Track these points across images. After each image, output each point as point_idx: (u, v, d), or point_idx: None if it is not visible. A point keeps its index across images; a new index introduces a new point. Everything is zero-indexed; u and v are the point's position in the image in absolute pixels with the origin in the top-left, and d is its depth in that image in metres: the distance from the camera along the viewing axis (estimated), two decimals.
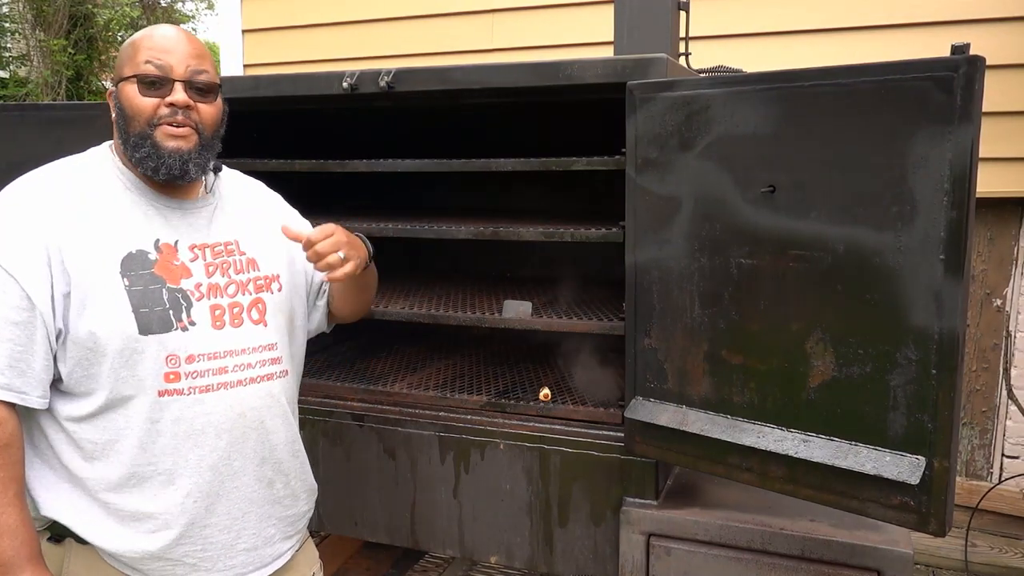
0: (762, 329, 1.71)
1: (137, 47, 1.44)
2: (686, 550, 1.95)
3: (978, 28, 3.12)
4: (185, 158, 1.44)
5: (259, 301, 1.55)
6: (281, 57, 4.35)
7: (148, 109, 1.42)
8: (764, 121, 1.65)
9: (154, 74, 1.42)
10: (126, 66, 1.44)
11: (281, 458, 1.58)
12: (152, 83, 1.42)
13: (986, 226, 3.30)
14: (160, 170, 1.42)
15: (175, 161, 1.43)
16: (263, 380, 1.53)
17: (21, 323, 1.33)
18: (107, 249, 1.40)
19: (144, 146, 1.42)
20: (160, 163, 1.42)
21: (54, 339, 1.36)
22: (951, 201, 1.43)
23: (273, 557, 1.58)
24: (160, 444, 1.41)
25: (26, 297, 1.33)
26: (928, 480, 1.49)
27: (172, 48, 1.44)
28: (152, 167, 1.42)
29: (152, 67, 1.42)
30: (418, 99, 2.22)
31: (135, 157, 1.43)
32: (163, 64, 1.42)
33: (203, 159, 1.48)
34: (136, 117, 1.42)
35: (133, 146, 1.43)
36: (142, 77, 1.41)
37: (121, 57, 1.47)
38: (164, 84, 1.42)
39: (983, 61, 1.39)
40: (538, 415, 2.18)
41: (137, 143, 1.42)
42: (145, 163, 1.43)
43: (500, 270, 3.17)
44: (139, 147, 1.42)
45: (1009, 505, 3.32)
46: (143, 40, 1.45)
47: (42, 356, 1.35)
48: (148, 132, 1.42)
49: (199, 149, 1.46)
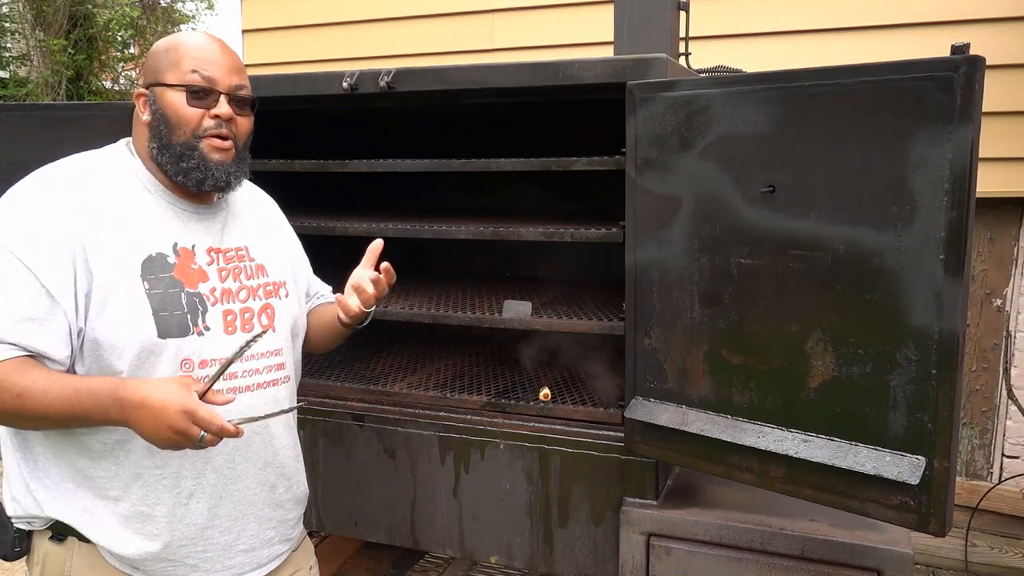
0: (762, 329, 1.71)
1: (181, 55, 1.43)
2: (686, 550, 1.95)
3: (978, 28, 3.12)
4: (229, 171, 1.46)
5: (268, 307, 1.56)
6: (281, 57, 4.35)
7: (195, 119, 1.42)
8: (764, 121, 1.65)
9: (202, 85, 1.42)
10: (167, 72, 1.43)
11: (284, 462, 1.59)
12: (199, 93, 1.42)
13: (986, 226, 3.30)
14: (206, 182, 1.44)
15: (221, 174, 1.45)
16: (269, 386, 1.54)
17: (38, 319, 1.30)
18: (128, 250, 1.39)
19: (192, 157, 1.43)
20: (207, 174, 1.44)
21: (75, 336, 1.34)
22: (951, 201, 1.43)
23: (270, 558, 1.58)
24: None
25: (45, 292, 1.30)
26: (928, 480, 1.49)
27: (217, 60, 1.44)
28: (199, 179, 1.44)
29: (199, 77, 1.42)
30: (418, 99, 2.22)
31: (180, 167, 1.43)
32: (209, 76, 1.43)
33: (241, 171, 1.50)
34: (182, 126, 1.42)
35: (178, 156, 1.43)
36: (191, 87, 1.42)
37: (159, 60, 1.45)
38: (210, 95, 1.43)
39: (983, 61, 1.39)
40: (538, 415, 2.18)
41: (183, 153, 1.43)
42: (191, 174, 1.43)
43: (500, 270, 3.17)
44: (186, 157, 1.43)
45: (1009, 505, 3.32)
46: (186, 48, 1.44)
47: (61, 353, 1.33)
48: (194, 143, 1.43)
49: (237, 161, 1.49)
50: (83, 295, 1.34)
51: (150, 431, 1.26)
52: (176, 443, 1.27)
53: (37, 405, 1.27)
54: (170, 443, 1.27)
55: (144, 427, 1.26)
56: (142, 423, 1.26)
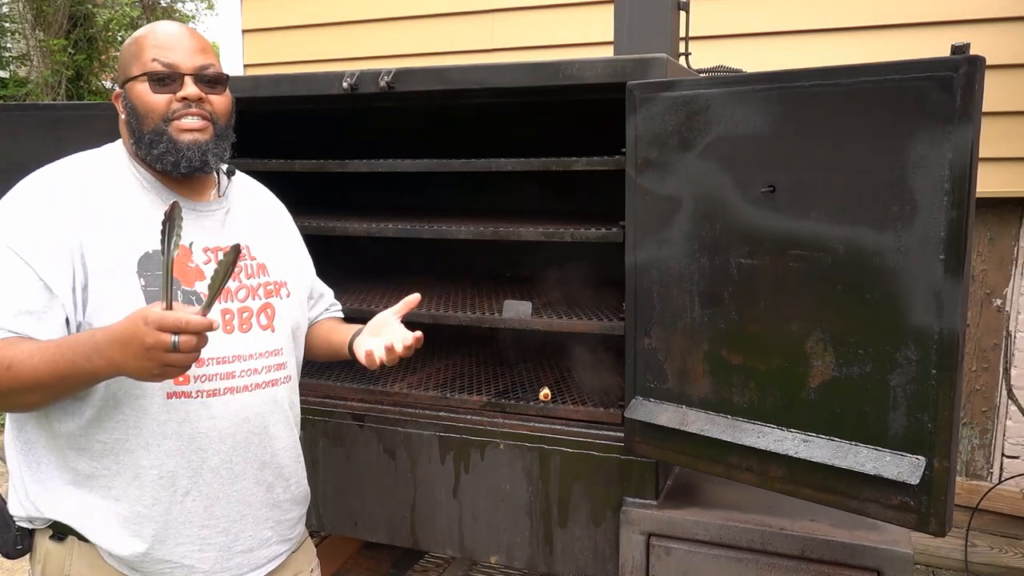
0: (762, 329, 1.71)
1: (142, 45, 1.44)
2: (686, 550, 1.95)
3: (978, 28, 3.12)
4: (203, 148, 1.45)
5: (268, 306, 1.56)
6: (281, 57, 4.35)
7: (161, 105, 1.42)
8: (764, 121, 1.65)
9: (163, 71, 1.42)
10: (132, 65, 1.44)
11: (283, 463, 1.58)
12: (162, 80, 1.42)
13: (986, 226, 3.30)
14: (180, 164, 1.43)
15: (194, 153, 1.43)
16: (268, 386, 1.53)
17: (36, 312, 1.31)
18: (125, 247, 1.39)
19: (161, 142, 1.42)
20: (180, 156, 1.43)
21: (73, 330, 1.35)
22: (951, 201, 1.43)
23: (268, 559, 1.58)
24: (165, 446, 1.41)
25: (44, 287, 1.31)
26: (928, 480, 1.49)
27: (177, 44, 1.44)
28: (172, 162, 1.43)
29: (159, 64, 1.42)
30: (418, 99, 2.22)
31: (152, 154, 1.43)
32: (171, 61, 1.42)
33: (220, 149, 1.49)
34: (149, 114, 1.42)
35: (149, 144, 1.43)
36: (152, 75, 1.41)
37: (125, 57, 1.47)
38: (174, 79, 1.43)
39: (983, 61, 1.39)
40: (538, 415, 2.18)
41: (153, 140, 1.42)
42: (164, 159, 1.43)
43: (500, 270, 3.17)
44: (155, 144, 1.42)
45: (1009, 505, 3.32)
46: (147, 38, 1.45)
47: None
48: (163, 128, 1.42)
49: (215, 139, 1.47)
50: (80, 289, 1.34)
51: (131, 361, 1.18)
52: (158, 362, 1.17)
53: (25, 371, 1.24)
54: (153, 364, 1.17)
55: (126, 362, 1.19)
56: (120, 357, 1.19)
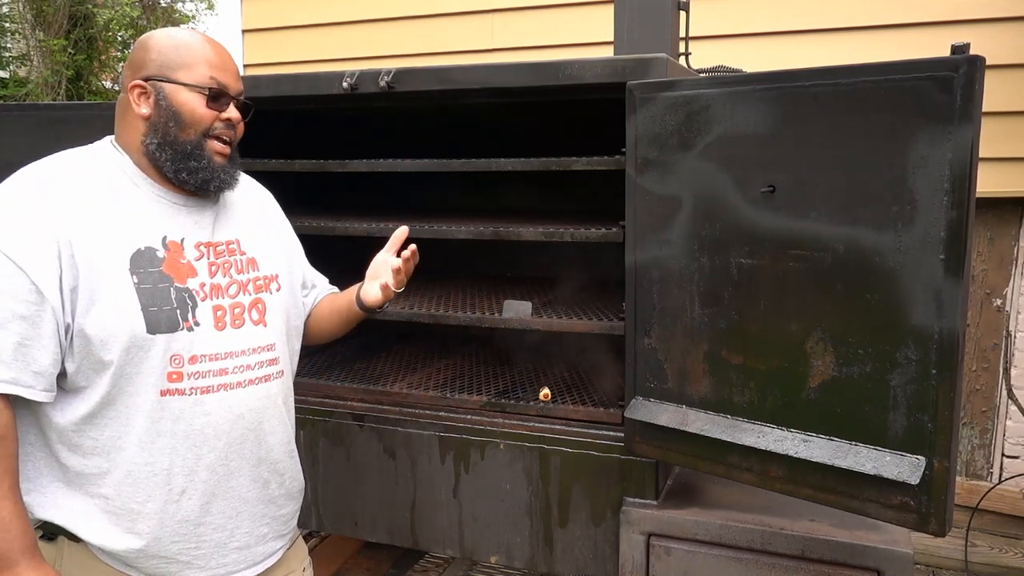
0: (762, 329, 1.71)
1: (197, 56, 1.46)
2: (686, 550, 1.95)
3: (978, 28, 3.12)
4: (230, 172, 1.53)
5: (259, 302, 1.56)
6: (281, 57, 4.36)
7: (208, 120, 1.47)
8: (764, 121, 1.65)
9: (219, 90, 1.47)
10: (180, 70, 1.45)
11: (277, 458, 1.58)
12: (217, 97, 1.47)
13: (986, 226, 3.30)
14: (212, 183, 1.49)
15: (225, 176, 1.51)
16: (261, 381, 1.53)
17: (29, 316, 1.31)
18: (116, 245, 1.39)
19: (202, 157, 1.47)
20: (213, 175, 1.48)
21: (63, 333, 1.35)
22: (951, 201, 1.43)
23: (264, 556, 1.58)
24: (159, 444, 1.41)
25: (35, 290, 1.31)
26: (928, 480, 1.49)
27: (228, 66, 1.51)
28: (203, 179, 1.47)
29: (215, 81, 1.47)
30: (418, 99, 2.22)
31: (189, 165, 1.46)
32: (225, 81, 1.48)
33: (237, 170, 1.56)
34: (194, 125, 1.46)
35: (186, 154, 1.45)
36: (211, 90, 1.46)
37: (166, 56, 1.46)
38: (223, 99, 1.48)
39: (983, 61, 1.39)
40: (538, 415, 2.18)
41: (191, 153, 1.46)
42: (198, 174, 1.46)
43: (500, 270, 3.17)
44: (195, 156, 1.46)
45: (1009, 505, 3.33)
46: (200, 49, 1.47)
47: (51, 350, 1.33)
48: (202, 143, 1.47)
49: (231, 161, 1.53)
50: (69, 291, 1.34)
51: None
52: None
53: None
54: None
55: None
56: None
